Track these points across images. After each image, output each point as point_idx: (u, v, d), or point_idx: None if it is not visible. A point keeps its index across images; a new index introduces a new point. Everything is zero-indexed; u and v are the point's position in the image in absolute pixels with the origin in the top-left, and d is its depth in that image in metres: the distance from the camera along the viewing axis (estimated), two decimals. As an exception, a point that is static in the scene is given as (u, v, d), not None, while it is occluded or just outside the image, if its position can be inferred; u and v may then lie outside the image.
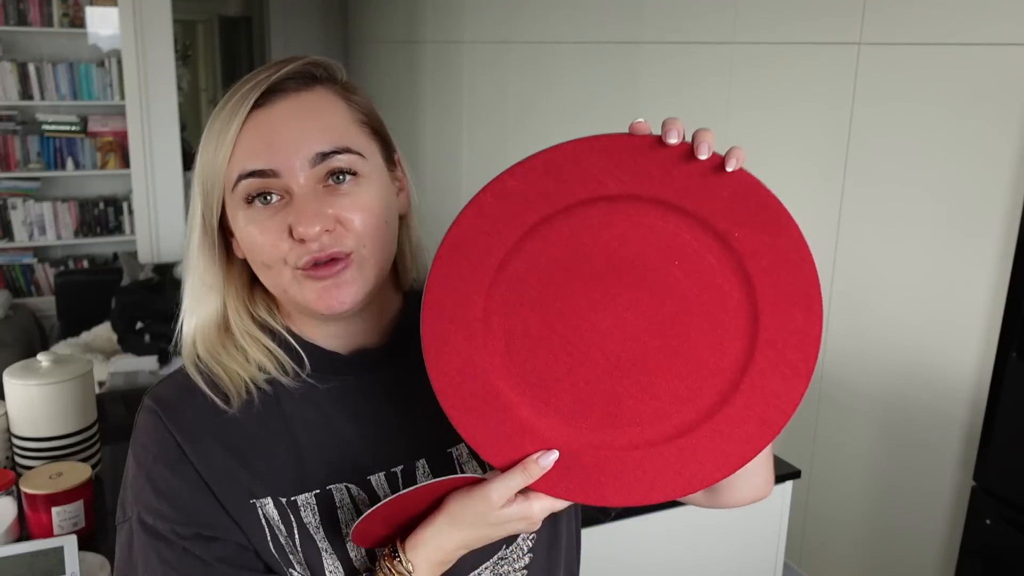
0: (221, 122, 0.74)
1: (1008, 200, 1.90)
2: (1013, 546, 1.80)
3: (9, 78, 4.49)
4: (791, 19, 2.42)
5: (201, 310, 0.80)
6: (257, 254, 0.75)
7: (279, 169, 0.73)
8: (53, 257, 4.92)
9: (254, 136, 0.73)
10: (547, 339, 0.69)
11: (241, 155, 0.73)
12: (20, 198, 4.68)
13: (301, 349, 0.81)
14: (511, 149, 4.00)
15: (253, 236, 0.74)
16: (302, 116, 0.74)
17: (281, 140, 0.73)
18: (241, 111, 0.73)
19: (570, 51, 3.49)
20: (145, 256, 4.38)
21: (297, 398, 0.81)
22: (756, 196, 0.70)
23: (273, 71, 0.75)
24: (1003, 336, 1.82)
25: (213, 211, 0.76)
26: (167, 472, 0.78)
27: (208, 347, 0.80)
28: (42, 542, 1.20)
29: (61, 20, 4.55)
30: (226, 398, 0.79)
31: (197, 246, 0.78)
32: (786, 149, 2.47)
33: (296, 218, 0.72)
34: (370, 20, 5.89)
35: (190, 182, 0.82)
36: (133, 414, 0.85)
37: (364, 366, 0.83)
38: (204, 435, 0.78)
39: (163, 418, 0.79)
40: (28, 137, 4.61)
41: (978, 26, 1.93)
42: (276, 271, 0.75)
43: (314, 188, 0.73)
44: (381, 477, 0.81)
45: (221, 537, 0.77)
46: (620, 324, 0.69)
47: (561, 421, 0.70)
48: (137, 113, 4.20)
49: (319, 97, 0.76)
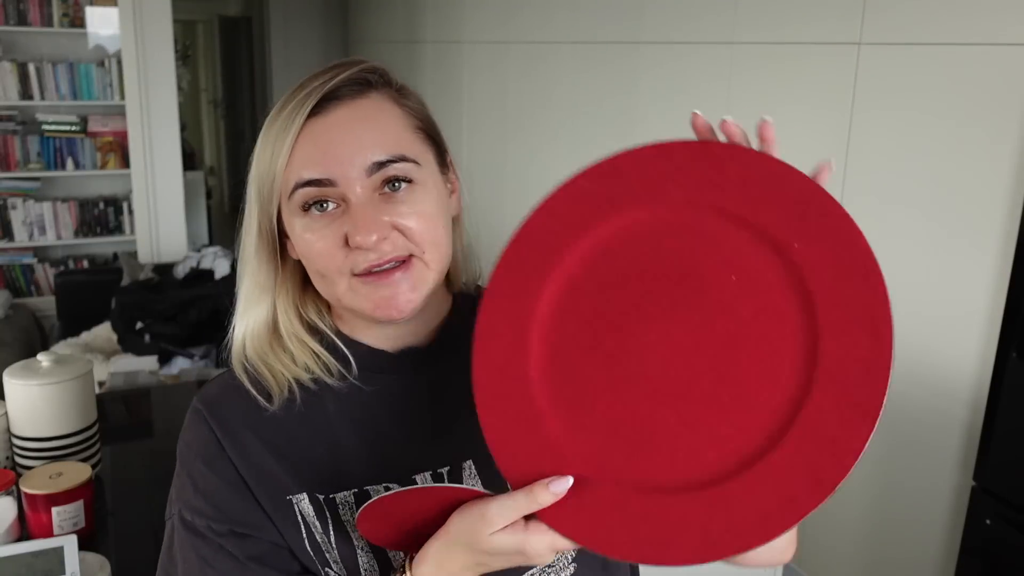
0: (277, 129, 0.74)
1: (1008, 200, 1.90)
2: (1013, 546, 1.80)
3: (9, 78, 4.49)
4: (791, 19, 2.42)
5: (252, 312, 0.81)
6: (313, 262, 0.76)
7: (336, 178, 0.73)
8: (53, 257, 4.92)
9: (311, 145, 0.74)
10: (593, 350, 0.65)
11: (298, 164, 0.74)
12: (20, 198, 4.68)
13: (348, 349, 0.82)
14: (511, 149, 4.00)
15: (310, 243, 0.75)
16: (358, 124, 0.75)
17: (337, 149, 0.73)
18: (297, 119, 0.73)
19: (570, 51, 3.49)
20: (145, 256, 4.38)
21: (342, 398, 0.81)
22: (818, 204, 0.64)
23: (328, 77, 0.75)
24: (1003, 336, 1.82)
25: (270, 216, 0.77)
26: (206, 469, 0.78)
27: (256, 348, 0.80)
28: (42, 542, 1.20)
29: (61, 20, 4.55)
30: (269, 397, 0.79)
31: (253, 250, 0.79)
32: (786, 149, 2.46)
33: (353, 227, 0.73)
34: (370, 20, 5.89)
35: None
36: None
37: (412, 365, 0.83)
38: (244, 430, 0.79)
39: (205, 415, 0.80)
40: (28, 137, 4.61)
41: (978, 26, 1.93)
42: (331, 280, 0.76)
43: (370, 196, 0.74)
44: (427, 476, 0.81)
45: (254, 535, 0.77)
46: (668, 341, 0.63)
47: (589, 444, 0.64)
48: (137, 113, 4.20)
49: (374, 104, 0.76)
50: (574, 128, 3.51)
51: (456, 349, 0.84)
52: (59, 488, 1.31)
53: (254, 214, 0.78)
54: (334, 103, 0.75)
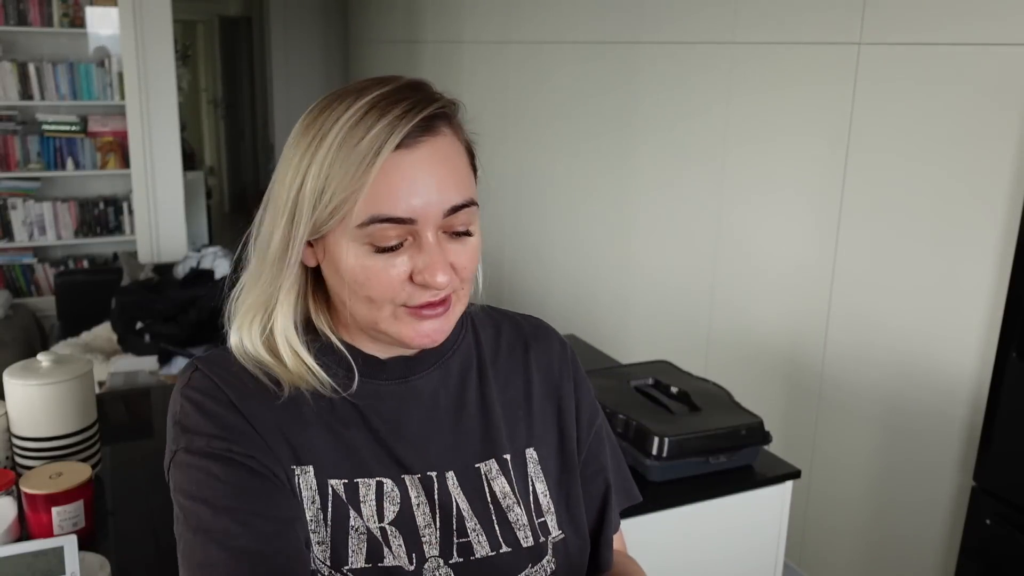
0: (357, 154, 0.72)
1: (1008, 200, 1.90)
2: (1013, 546, 1.80)
3: (9, 78, 4.49)
4: (791, 19, 2.42)
5: (259, 312, 0.81)
6: (367, 288, 0.76)
7: (417, 217, 0.74)
8: (53, 257, 4.92)
9: (397, 180, 0.73)
10: None
11: (380, 197, 0.73)
12: (20, 198, 4.68)
13: (347, 355, 0.82)
14: (511, 149, 4.00)
15: (371, 271, 0.75)
16: (440, 165, 0.75)
17: (422, 189, 0.74)
18: (384, 151, 0.72)
19: (570, 51, 3.49)
20: (145, 256, 4.38)
21: (330, 401, 0.82)
22: None
23: (408, 106, 0.74)
24: (1003, 336, 1.82)
25: (318, 230, 0.75)
26: (218, 408, 0.78)
27: (253, 346, 0.81)
28: (42, 542, 1.20)
29: (61, 20, 4.55)
30: (277, 384, 0.79)
31: (276, 256, 0.78)
32: (786, 149, 2.47)
33: (426, 267, 0.75)
34: (370, 20, 5.89)
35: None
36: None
37: (402, 372, 0.85)
38: (252, 399, 0.79)
39: (213, 378, 0.80)
40: (28, 137, 4.61)
41: (978, 26, 1.93)
42: (379, 305, 0.77)
43: (439, 236, 0.76)
44: (415, 479, 0.83)
45: (259, 470, 0.76)
46: None
47: None
48: (137, 113, 4.20)
49: (448, 143, 0.77)
50: (574, 128, 3.51)
51: (443, 362, 0.87)
52: (59, 488, 1.31)
53: (301, 222, 0.75)
54: (415, 138, 0.74)
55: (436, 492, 0.83)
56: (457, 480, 0.84)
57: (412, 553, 0.80)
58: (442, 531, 0.81)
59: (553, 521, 0.86)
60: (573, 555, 0.87)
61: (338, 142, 0.73)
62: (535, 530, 0.84)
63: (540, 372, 0.92)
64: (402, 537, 0.80)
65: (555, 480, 0.88)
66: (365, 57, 6.11)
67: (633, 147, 3.15)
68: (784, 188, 2.49)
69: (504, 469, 0.86)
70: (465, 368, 0.88)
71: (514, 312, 0.97)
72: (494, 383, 0.89)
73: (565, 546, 0.86)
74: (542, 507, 0.86)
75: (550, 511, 0.86)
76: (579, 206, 3.54)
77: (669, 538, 1.59)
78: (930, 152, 2.06)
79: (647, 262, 3.16)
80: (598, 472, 0.94)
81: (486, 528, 0.83)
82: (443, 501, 0.82)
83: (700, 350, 2.89)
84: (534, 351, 0.93)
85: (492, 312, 0.96)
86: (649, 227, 3.12)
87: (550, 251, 3.79)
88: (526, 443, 0.88)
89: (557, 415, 0.91)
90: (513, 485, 0.85)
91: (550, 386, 0.92)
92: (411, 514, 0.81)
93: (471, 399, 0.87)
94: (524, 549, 0.83)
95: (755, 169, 2.59)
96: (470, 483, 0.84)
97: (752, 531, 1.68)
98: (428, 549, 0.80)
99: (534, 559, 0.84)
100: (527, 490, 0.86)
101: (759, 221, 2.60)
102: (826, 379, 2.39)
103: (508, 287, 4.12)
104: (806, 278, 2.44)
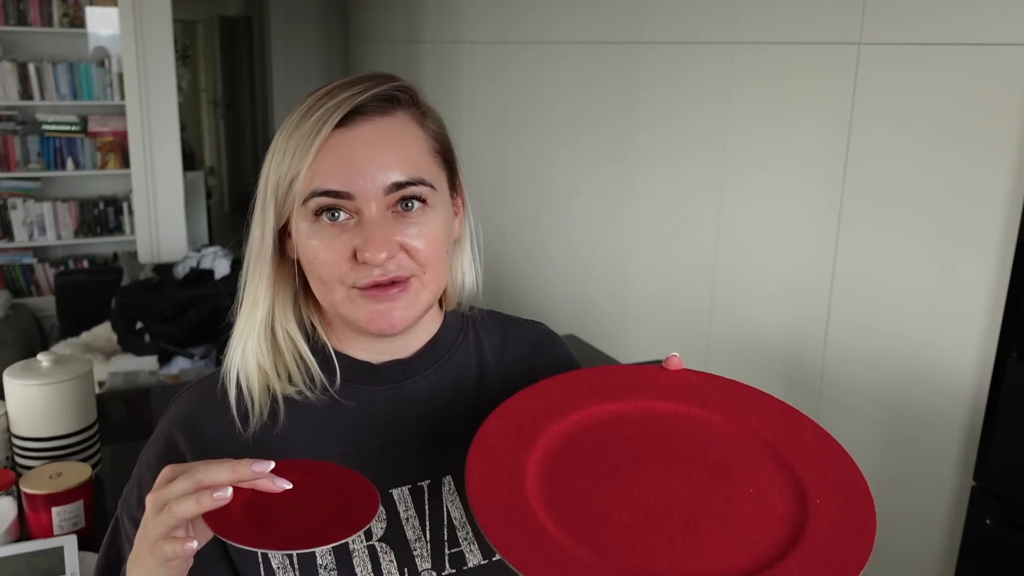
0: (302, 134, 0.75)
1: (1008, 200, 1.90)
2: (1013, 546, 1.80)
3: (9, 78, 4.49)
4: (791, 19, 2.42)
5: (255, 308, 0.81)
6: (316, 268, 0.77)
7: (354, 192, 0.74)
8: (53, 257, 4.92)
9: (334, 156, 0.74)
10: (592, 490, 0.70)
11: (319, 173, 0.74)
12: (20, 198, 4.69)
13: (335, 359, 0.82)
14: (510, 150, 4.00)
15: (316, 250, 0.76)
16: (382, 142, 0.75)
17: (359, 164, 0.74)
18: (324, 128, 0.74)
19: (570, 51, 3.49)
20: (145, 256, 4.38)
21: (322, 410, 0.81)
22: (797, 417, 0.77)
23: (359, 90, 0.76)
24: (1003, 336, 1.82)
25: (281, 215, 0.77)
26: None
27: (253, 347, 0.80)
28: (42, 542, 1.20)
29: (61, 20, 4.55)
30: (246, 418, 0.79)
31: (259, 246, 0.79)
32: (786, 149, 2.47)
33: (364, 243, 0.74)
34: (370, 20, 5.89)
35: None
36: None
37: (395, 378, 0.84)
38: (216, 448, 0.79)
39: (176, 436, 0.80)
40: (28, 137, 4.61)
41: (978, 26, 1.93)
42: (330, 287, 0.77)
43: (383, 214, 0.75)
44: (404, 491, 0.82)
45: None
46: (668, 489, 0.70)
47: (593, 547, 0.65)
48: (137, 113, 4.20)
49: (399, 123, 0.77)
50: (574, 128, 3.51)
51: (439, 365, 0.86)
52: (59, 488, 1.31)
53: (268, 211, 0.78)
54: (361, 117, 0.75)
55: (427, 502, 0.82)
56: (454, 485, 0.83)
57: (404, 568, 0.79)
58: (433, 543, 0.81)
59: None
60: None
61: (290, 129, 0.76)
62: None
63: (545, 377, 0.92)
64: (393, 553, 0.79)
65: None
66: (365, 57, 6.11)
67: (633, 147, 3.15)
68: (784, 188, 2.49)
69: None
70: (463, 372, 0.88)
71: (519, 317, 0.97)
72: (498, 387, 0.88)
73: None
74: None
75: None
76: (579, 206, 3.54)
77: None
78: (930, 152, 2.06)
79: (647, 262, 3.16)
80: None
81: (479, 536, 0.82)
82: (434, 511, 0.82)
83: (700, 350, 2.89)
84: (540, 356, 0.93)
85: (497, 317, 0.95)
86: (649, 227, 3.13)
87: (550, 251, 3.79)
88: None
89: None
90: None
91: None
92: (400, 529, 0.80)
93: (469, 403, 0.86)
94: None
95: (754, 169, 2.59)
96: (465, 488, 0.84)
97: (752, 531, 1.68)
98: (420, 563, 0.80)
99: None
100: None
101: (759, 221, 2.60)
102: (826, 379, 2.39)
103: (508, 287, 4.12)
104: (806, 278, 2.44)
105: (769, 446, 0.75)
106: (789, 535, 0.66)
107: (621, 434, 0.75)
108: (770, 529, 0.67)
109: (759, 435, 0.76)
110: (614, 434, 0.75)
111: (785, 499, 0.70)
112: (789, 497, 0.70)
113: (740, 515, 0.68)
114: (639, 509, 0.68)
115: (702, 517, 0.68)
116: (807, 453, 0.74)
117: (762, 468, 0.73)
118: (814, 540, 0.65)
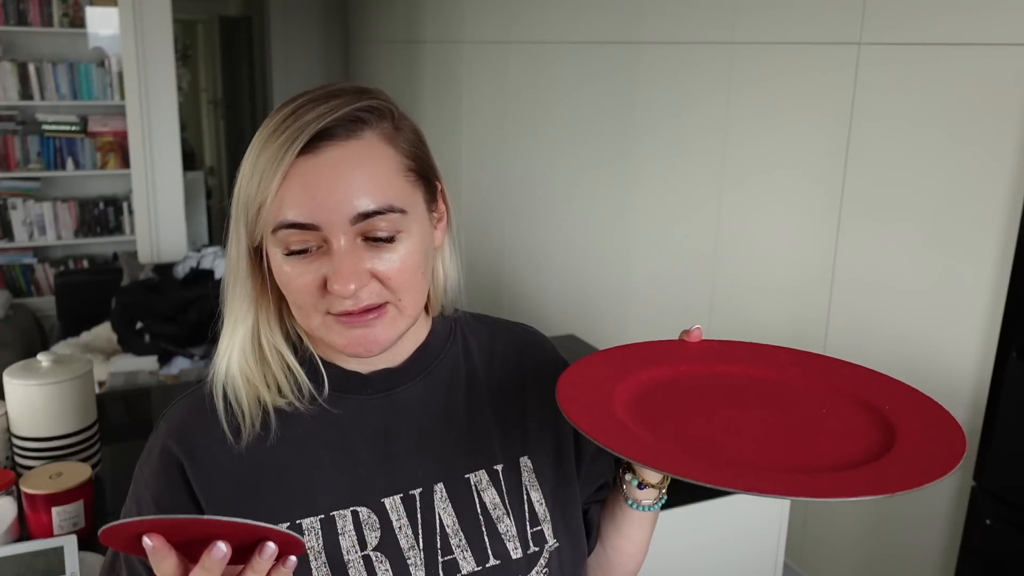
0: (267, 160, 0.72)
1: (1008, 200, 1.90)
2: (1013, 546, 1.80)
3: (9, 78, 4.49)
4: (791, 19, 2.42)
5: (240, 322, 0.80)
6: (289, 294, 0.76)
7: (320, 224, 0.72)
8: (53, 257, 4.92)
9: (298, 187, 0.72)
10: (683, 420, 0.75)
11: (284, 202, 0.72)
12: (20, 198, 4.69)
13: (323, 369, 0.82)
14: (511, 150, 4.00)
15: (289, 278, 0.75)
16: (348, 168, 0.72)
17: (324, 194, 0.71)
18: (287, 156, 0.71)
19: (570, 51, 3.49)
20: (145, 256, 4.38)
21: (313, 420, 0.81)
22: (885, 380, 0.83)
23: (325, 110, 0.72)
24: (1003, 336, 1.82)
25: (253, 236, 0.76)
26: (156, 509, 0.80)
27: (240, 361, 0.80)
28: (42, 542, 1.20)
29: (61, 20, 4.55)
30: (238, 431, 0.79)
31: (236, 262, 0.78)
32: (786, 149, 2.47)
33: (333, 274, 0.72)
34: (370, 20, 5.89)
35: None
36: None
37: (385, 387, 0.84)
38: (209, 460, 0.79)
39: (175, 452, 0.79)
40: (28, 137, 4.61)
41: (978, 26, 1.93)
42: (306, 312, 0.76)
43: (352, 244, 0.73)
44: (396, 500, 0.81)
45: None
46: (757, 423, 0.75)
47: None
48: (137, 113, 4.20)
49: (367, 146, 0.74)
50: (574, 128, 3.51)
51: (428, 372, 0.85)
52: (59, 488, 1.31)
53: (241, 232, 0.76)
54: (327, 142, 0.72)
55: (419, 511, 0.81)
56: (446, 492, 0.83)
57: None
58: (426, 552, 0.80)
59: (549, 530, 0.85)
60: (567, 564, 0.86)
61: (257, 150, 0.74)
62: (526, 540, 0.83)
63: (535, 380, 0.91)
64: (388, 562, 0.79)
65: (551, 488, 0.87)
66: (365, 57, 6.11)
67: (633, 147, 3.15)
68: (784, 188, 2.49)
69: (495, 479, 0.84)
70: (453, 377, 0.87)
71: (506, 320, 0.96)
72: (487, 391, 0.88)
73: (559, 555, 0.85)
74: (538, 515, 0.85)
75: (546, 519, 0.85)
76: (578, 206, 3.54)
77: (670, 538, 1.59)
78: (930, 152, 2.06)
79: (647, 262, 3.16)
80: (599, 476, 0.94)
81: (472, 542, 0.82)
82: (426, 520, 0.81)
83: (700, 350, 2.89)
84: (529, 359, 0.92)
85: (484, 320, 0.94)
86: (649, 227, 3.12)
87: (550, 251, 3.79)
88: (520, 451, 0.87)
89: (553, 422, 0.90)
90: (504, 496, 0.84)
91: (546, 393, 0.91)
92: (394, 538, 0.80)
93: (459, 409, 0.86)
94: (514, 561, 0.82)
95: (754, 169, 2.59)
96: (459, 494, 0.83)
97: (752, 531, 1.68)
98: (414, 571, 0.79)
99: (524, 570, 0.83)
100: (520, 500, 0.85)
101: (759, 221, 2.60)
102: (826, 379, 2.39)
103: (508, 287, 4.12)
104: (806, 278, 2.44)
105: (840, 392, 0.79)
106: (880, 446, 0.71)
107: (695, 385, 0.81)
108: (861, 440, 0.71)
109: (827, 385, 0.81)
110: (690, 384, 0.81)
111: (871, 424, 0.74)
112: (875, 424, 0.74)
113: (829, 431, 0.73)
114: (724, 428, 0.73)
115: (791, 436, 0.72)
116: (889, 396, 0.79)
117: (842, 408, 0.77)
118: (904, 447, 0.71)
